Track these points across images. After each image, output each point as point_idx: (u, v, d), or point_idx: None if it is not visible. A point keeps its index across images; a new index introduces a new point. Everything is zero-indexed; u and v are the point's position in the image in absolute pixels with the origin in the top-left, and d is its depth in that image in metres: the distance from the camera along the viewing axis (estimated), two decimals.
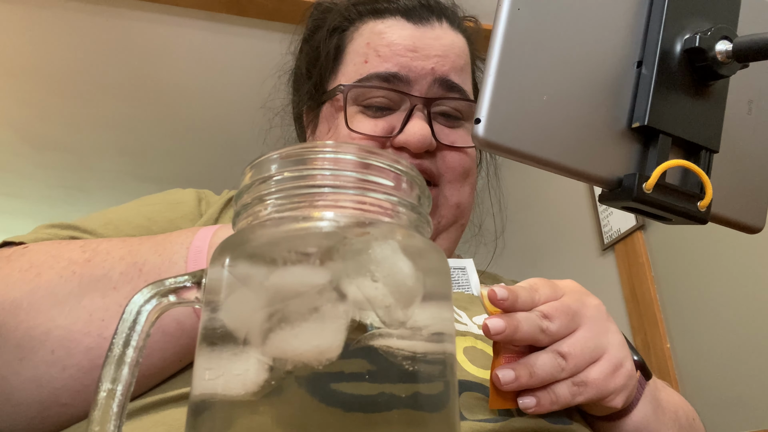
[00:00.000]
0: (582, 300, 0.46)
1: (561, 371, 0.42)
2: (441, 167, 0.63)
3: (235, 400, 0.25)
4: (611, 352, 0.44)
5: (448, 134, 0.64)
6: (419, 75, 0.62)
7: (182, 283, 0.29)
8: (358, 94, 0.63)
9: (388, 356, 0.26)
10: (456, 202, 0.64)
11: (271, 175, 0.29)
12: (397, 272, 0.27)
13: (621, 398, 0.45)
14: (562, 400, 0.42)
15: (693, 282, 1.53)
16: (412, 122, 0.61)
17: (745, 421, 1.30)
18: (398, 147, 0.61)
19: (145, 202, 0.63)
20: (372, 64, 0.63)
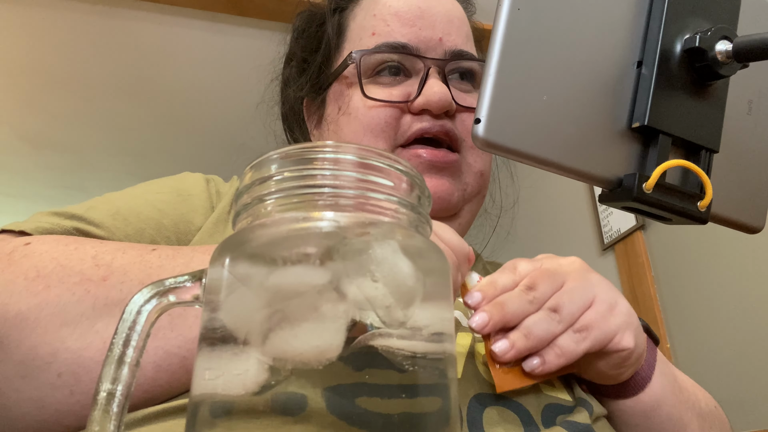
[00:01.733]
0: (558, 261, 0.47)
1: (557, 324, 0.42)
2: (461, 131, 0.61)
3: (235, 400, 0.25)
4: (600, 295, 0.44)
5: (465, 98, 0.62)
6: (429, 46, 0.61)
7: (182, 283, 0.29)
8: (369, 65, 0.61)
9: (388, 356, 0.26)
10: (480, 169, 0.63)
11: (271, 175, 0.29)
12: (397, 272, 0.27)
13: (629, 336, 0.44)
14: (567, 350, 0.41)
15: (693, 282, 1.53)
16: (430, 82, 0.59)
17: (745, 421, 1.30)
18: (418, 112, 0.59)
19: (152, 189, 0.60)
20: (380, 35, 0.62)
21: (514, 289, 0.43)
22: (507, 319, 0.41)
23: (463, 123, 0.61)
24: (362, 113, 0.60)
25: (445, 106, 0.58)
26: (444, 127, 0.59)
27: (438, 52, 0.61)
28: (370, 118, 0.59)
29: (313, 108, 0.70)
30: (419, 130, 0.58)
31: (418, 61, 0.60)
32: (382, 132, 0.59)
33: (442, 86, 0.59)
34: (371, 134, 0.59)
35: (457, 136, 0.60)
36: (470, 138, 0.59)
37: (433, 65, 0.60)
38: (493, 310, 0.41)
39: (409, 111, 0.59)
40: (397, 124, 0.59)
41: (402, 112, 0.60)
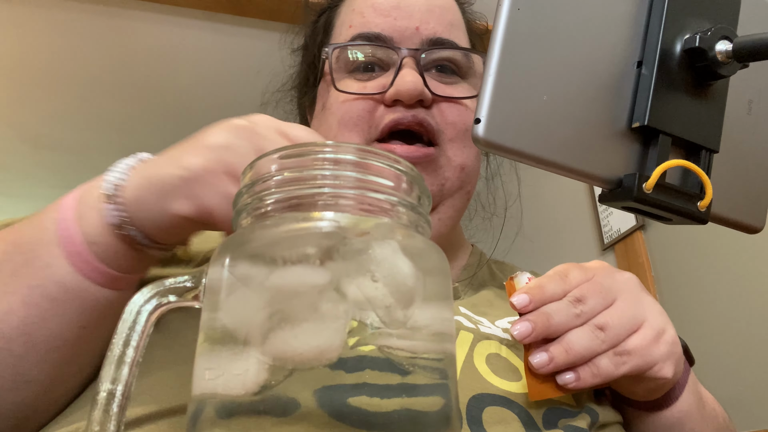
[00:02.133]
0: (613, 275, 0.45)
1: (600, 344, 0.40)
2: (440, 122, 0.58)
3: (235, 400, 0.25)
4: (650, 320, 0.43)
5: (444, 88, 0.59)
6: (404, 36, 0.59)
7: (182, 283, 0.29)
8: (344, 59, 0.60)
9: (388, 356, 0.26)
10: (460, 163, 0.59)
11: (271, 175, 0.29)
12: (397, 272, 0.27)
13: (669, 367, 0.43)
14: (604, 372, 0.41)
15: (693, 282, 1.53)
16: (402, 72, 0.57)
17: (745, 421, 1.30)
18: (391, 104, 0.57)
19: None
20: (356, 26, 0.61)
21: (562, 299, 0.42)
22: (550, 331, 0.40)
23: (442, 114, 0.58)
24: (336, 107, 0.59)
25: (416, 96, 0.56)
26: (416, 118, 0.56)
27: (414, 41, 0.59)
28: (343, 112, 0.58)
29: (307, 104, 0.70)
30: (391, 121, 0.56)
31: (394, 53, 0.59)
32: (356, 126, 0.57)
33: (415, 75, 0.56)
34: (345, 128, 0.58)
35: (434, 128, 0.57)
36: (450, 130, 0.58)
37: (408, 56, 0.58)
38: (537, 320, 0.40)
39: (383, 103, 0.58)
40: (371, 117, 0.57)
41: (376, 105, 0.58)
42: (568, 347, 0.40)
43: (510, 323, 0.56)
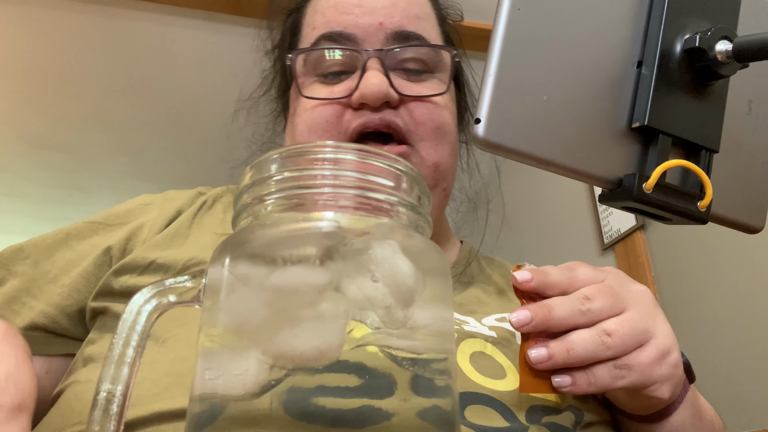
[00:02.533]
0: (627, 285, 0.43)
1: (605, 350, 0.39)
2: (409, 122, 0.56)
3: (235, 400, 0.25)
4: (659, 338, 0.41)
5: (411, 86, 0.57)
6: (368, 32, 0.58)
7: (182, 283, 0.29)
8: (312, 64, 0.59)
9: (388, 356, 0.26)
10: (434, 161, 0.57)
11: (271, 175, 0.29)
12: (397, 272, 0.27)
13: (666, 389, 0.42)
14: (600, 382, 0.39)
15: (693, 282, 1.53)
16: (366, 75, 0.55)
17: (745, 421, 1.30)
18: (358, 107, 0.56)
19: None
20: (319, 28, 0.59)
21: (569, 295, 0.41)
22: (551, 324, 0.39)
23: (410, 114, 0.57)
24: (305, 113, 0.58)
25: (381, 98, 0.54)
26: (384, 120, 0.55)
27: (379, 37, 0.58)
28: (312, 118, 0.57)
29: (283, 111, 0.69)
30: (359, 125, 0.55)
31: (359, 55, 0.57)
32: (325, 132, 0.56)
33: (379, 77, 0.55)
34: (314, 134, 0.57)
35: (402, 129, 0.56)
36: (421, 129, 0.56)
37: (373, 57, 0.56)
38: (538, 310, 0.39)
39: (351, 106, 0.56)
40: (339, 122, 0.56)
41: (344, 109, 0.57)
42: (571, 347, 0.39)
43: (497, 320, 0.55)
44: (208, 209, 0.63)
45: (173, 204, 0.62)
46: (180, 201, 0.63)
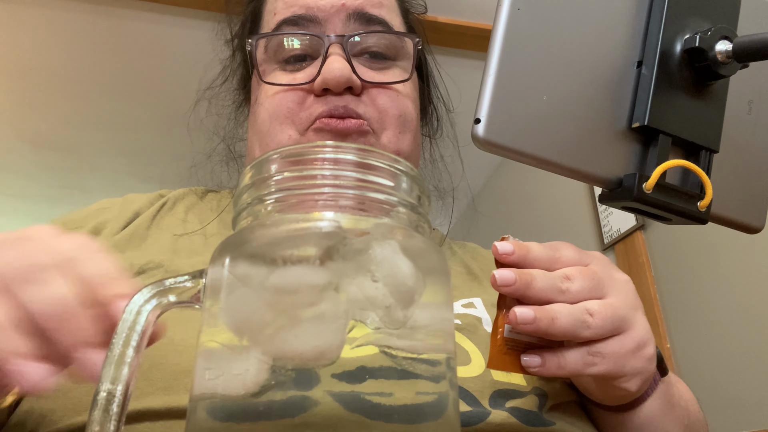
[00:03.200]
0: (611, 272, 0.42)
1: (585, 329, 0.38)
2: (372, 112, 0.56)
3: (235, 400, 0.25)
4: (637, 329, 0.41)
5: (374, 74, 0.57)
6: (329, 13, 0.57)
7: (182, 283, 0.29)
8: (273, 50, 0.58)
9: (388, 356, 0.26)
10: (395, 149, 0.57)
11: (271, 175, 0.29)
12: (397, 272, 0.27)
13: (636, 382, 0.41)
14: (571, 367, 0.39)
15: (693, 282, 1.53)
16: (329, 60, 0.54)
17: (745, 421, 1.30)
18: (320, 94, 0.55)
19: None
20: (280, 12, 0.58)
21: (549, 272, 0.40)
22: (530, 294, 0.38)
23: (373, 101, 0.56)
24: (267, 100, 0.57)
25: (343, 83, 0.54)
26: (347, 108, 0.54)
27: (341, 16, 0.57)
28: (274, 106, 0.56)
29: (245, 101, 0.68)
30: (322, 113, 0.54)
31: (321, 41, 0.56)
32: (286, 118, 0.56)
33: (342, 62, 0.54)
34: (277, 122, 0.56)
35: (365, 116, 0.56)
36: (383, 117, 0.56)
37: (335, 42, 0.55)
38: (521, 275, 0.38)
39: (313, 93, 0.56)
40: (301, 109, 0.56)
41: (306, 95, 0.56)
42: (555, 317, 0.37)
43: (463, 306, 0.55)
44: (168, 210, 0.62)
45: (132, 206, 0.62)
46: (139, 203, 0.62)
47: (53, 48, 2.14)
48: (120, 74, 2.28)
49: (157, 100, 2.42)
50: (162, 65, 2.23)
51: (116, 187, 3.08)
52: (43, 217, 3.38)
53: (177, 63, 2.21)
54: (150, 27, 2.06)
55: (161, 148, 2.74)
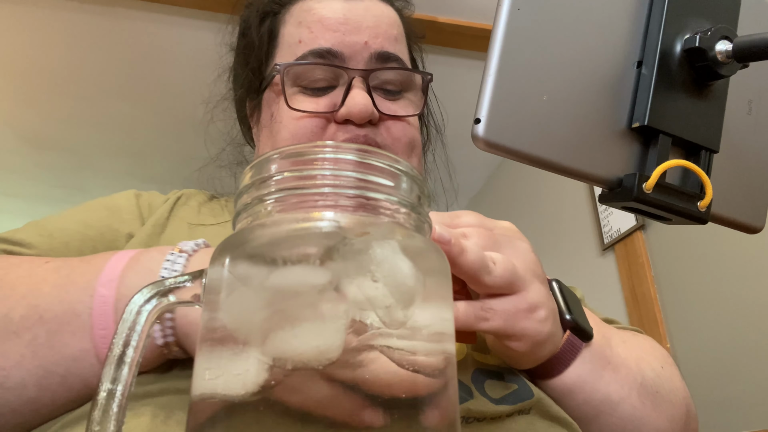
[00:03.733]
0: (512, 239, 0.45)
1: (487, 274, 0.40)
2: (387, 139, 0.62)
3: (235, 400, 0.25)
4: (531, 292, 0.43)
5: (389, 105, 0.63)
6: (354, 50, 0.62)
7: (182, 283, 0.29)
8: (296, 75, 0.62)
9: (388, 356, 0.25)
10: None
11: (271, 175, 0.29)
12: (397, 272, 0.27)
13: (526, 343, 0.43)
14: (464, 318, 0.41)
15: (693, 282, 1.53)
16: (352, 93, 0.60)
17: (745, 421, 1.30)
18: (342, 122, 0.60)
19: (84, 207, 0.63)
20: (306, 42, 0.62)
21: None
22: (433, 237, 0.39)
23: (388, 130, 0.62)
24: (289, 123, 0.61)
25: (367, 117, 0.59)
26: (366, 138, 0.60)
27: (364, 55, 0.62)
28: (296, 128, 0.61)
29: (252, 107, 0.72)
30: (345, 140, 0.59)
31: (343, 72, 0.61)
32: (309, 141, 0.60)
33: (364, 96, 0.60)
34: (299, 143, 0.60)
35: (381, 144, 0.61)
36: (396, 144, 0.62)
37: (357, 74, 0.61)
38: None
39: (335, 121, 0.61)
40: (323, 134, 0.61)
41: (327, 122, 0.61)
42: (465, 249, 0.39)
43: None
44: (183, 204, 0.67)
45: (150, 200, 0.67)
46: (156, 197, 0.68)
47: (53, 48, 2.15)
48: (120, 75, 2.28)
49: (157, 100, 2.42)
50: (162, 66, 2.23)
51: (116, 187, 3.08)
52: (43, 216, 3.38)
53: (177, 63, 2.21)
54: (150, 27, 2.06)
55: (161, 149, 2.74)
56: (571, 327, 0.48)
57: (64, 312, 0.40)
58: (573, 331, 0.48)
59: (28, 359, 0.39)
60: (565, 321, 0.47)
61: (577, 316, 0.48)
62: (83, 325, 0.40)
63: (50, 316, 0.40)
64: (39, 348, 0.39)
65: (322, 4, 0.64)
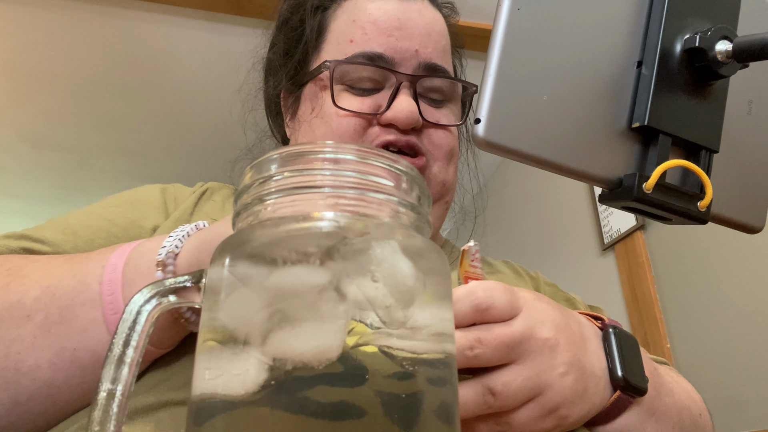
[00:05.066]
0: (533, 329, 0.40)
1: (486, 409, 0.38)
2: (428, 145, 0.62)
3: (235, 400, 0.25)
4: (549, 393, 0.39)
5: (434, 113, 0.63)
6: (404, 57, 0.62)
7: (182, 283, 0.29)
8: (343, 73, 0.62)
9: (388, 356, 0.25)
10: (442, 179, 0.64)
11: (271, 175, 0.29)
12: (397, 272, 0.27)
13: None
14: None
15: (693, 282, 1.53)
16: (399, 98, 0.60)
17: (745, 421, 1.30)
18: (385, 124, 0.60)
19: (107, 203, 0.62)
20: (358, 43, 0.62)
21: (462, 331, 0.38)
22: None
23: (429, 138, 0.62)
24: (332, 119, 0.61)
25: (412, 123, 0.59)
26: (409, 142, 0.60)
27: (413, 63, 0.62)
28: (339, 125, 0.60)
29: (289, 101, 0.71)
30: (385, 141, 0.59)
31: (391, 75, 0.61)
32: (350, 139, 0.60)
33: (411, 102, 0.59)
34: (340, 140, 0.60)
35: (422, 150, 0.61)
36: (437, 151, 0.62)
37: (405, 80, 0.61)
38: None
39: (378, 123, 0.60)
40: (365, 134, 0.60)
41: (370, 123, 0.61)
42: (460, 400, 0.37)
43: None
44: (207, 199, 0.66)
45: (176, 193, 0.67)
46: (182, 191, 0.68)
47: (54, 48, 2.15)
48: (120, 74, 2.28)
49: (158, 100, 2.42)
50: (162, 65, 2.23)
51: (116, 187, 3.08)
52: (43, 217, 3.38)
53: (177, 63, 2.21)
54: (151, 27, 2.06)
55: (161, 148, 2.74)
56: (621, 387, 0.44)
57: (75, 285, 0.41)
58: (624, 390, 0.45)
59: (41, 339, 0.40)
60: (615, 379, 0.44)
61: (630, 371, 0.45)
62: (93, 295, 0.40)
63: (61, 292, 0.40)
64: (51, 325, 0.40)
65: (376, 5, 0.64)
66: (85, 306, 0.40)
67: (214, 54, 2.13)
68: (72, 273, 0.42)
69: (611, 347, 0.46)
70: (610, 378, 0.45)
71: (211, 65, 2.18)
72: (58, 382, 0.40)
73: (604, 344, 0.46)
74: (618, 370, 0.44)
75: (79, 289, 0.41)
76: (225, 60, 2.16)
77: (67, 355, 0.40)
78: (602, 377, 0.44)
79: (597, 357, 0.44)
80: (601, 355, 0.45)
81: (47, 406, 0.41)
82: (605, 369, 0.44)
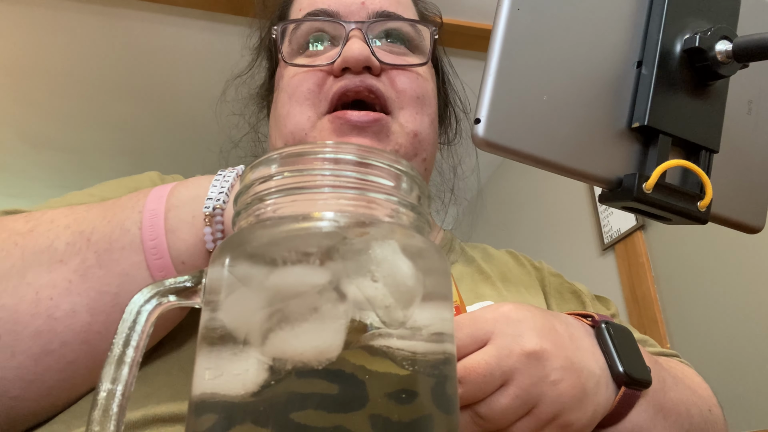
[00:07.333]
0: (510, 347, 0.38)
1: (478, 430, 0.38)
2: (390, 90, 0.59)
3: (235, 400, 0.25)
4: (543, 404, 0.38)
5: (393, 57, 0.60)
6: (350, 10, 0.60)
7: (182, 283, 0.29)
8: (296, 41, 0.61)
9: (388, 356, 0.25)
10: (413, 129, 0.59)
11: (271, 175, 0.29)
12: (397, 272, 0.27)
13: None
14: None
15: (693, 282, 1.53)
16: (349, 42, 0.57)
17: (745, 421, 1.30)
18: (340, 73, 0.57)
19: (106, 186, 0.61)
20: (305, 8, 0.62)
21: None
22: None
23: (392, 82, 0.59)
24: (288, 84, 0.59)
25: (363, 61, 0.56)
26: (364, 83, 0.57)
27: (361, 15, 0.60)
28: (294, 87, 0.58)
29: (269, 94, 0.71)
30: (340, 88, 0.57)
31: (342, 28, 0.59)
32: (306, 99, 0.58)
33: (362, 44, 0.57)
34: (296, 102, 0.58)
35: (384, 94, 0.58)
36: (402, 97, 0.58)
37: (355, 28, 0.58)
38: None
39: (333, 74, 0.58)
40: (321, 90, 0.58)
41: (326, 77, 0.58)
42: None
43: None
44: None
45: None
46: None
47: (54, 48, 2.15)
48: (120, 75, 2.28)
49: (158, 100, 2.42)
50: (162, 66, 2.23)
51: None
52: None
53: (177, 63, 2.21)
54: (151, 27, 2.06)
55: (161, 148, 2.74)
56: (625, 382, 0.43)
57: (112, 230, 0.39)
58: (628, 385, 0.44)
59: (77, 284, 0.38)
60: (617, 375, 0.43)
61: (631, 364, 0.44)
62: (133, 240, 0.39)
63: (98, 237, 0.39)
64: (88, 270, 0.39)
65: None
66: (125, 250, 0.39)
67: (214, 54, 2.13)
68: (106, 218, 0.40)
69: (607, 344, 0.45)
70: (612, 375, 0.43)
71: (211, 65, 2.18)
72: (96, 327, 0.38)
73: (599, 342, 0.45)
74: (618, 365, 0.43)
75: (117, 234, 0.39)
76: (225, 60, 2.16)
77: (108, 299, 0.38)
78: (602, 375, 0.43)
79: (592, 355, 0.43)
80: (596, 352, 0.43)
81: (79, 354, 0.39)
82: (604, 367, 0.43)
